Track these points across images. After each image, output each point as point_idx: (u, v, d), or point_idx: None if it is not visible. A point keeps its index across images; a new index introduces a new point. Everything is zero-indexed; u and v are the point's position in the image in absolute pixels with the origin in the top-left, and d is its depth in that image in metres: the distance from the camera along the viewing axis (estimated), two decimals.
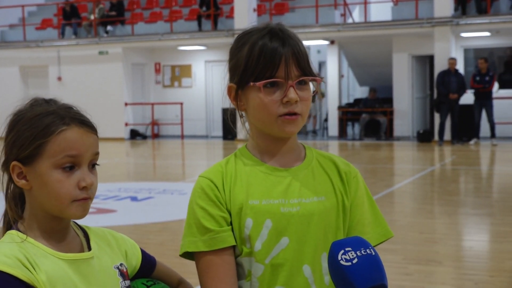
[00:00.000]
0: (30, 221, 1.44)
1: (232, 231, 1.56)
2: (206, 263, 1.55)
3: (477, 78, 15.52)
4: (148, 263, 1.63)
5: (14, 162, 1.42)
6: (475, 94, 15.53)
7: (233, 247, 1.57)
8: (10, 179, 1.45)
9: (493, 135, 15.57)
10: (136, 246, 1.62)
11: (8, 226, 1.47)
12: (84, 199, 1.42)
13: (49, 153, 1.40)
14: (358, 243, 1.40)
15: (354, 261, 1.36)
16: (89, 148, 1.43)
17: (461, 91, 15.56)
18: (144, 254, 1.63)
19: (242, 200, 1.56)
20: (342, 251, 1.38)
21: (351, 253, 1.37)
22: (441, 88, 15.57)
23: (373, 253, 1.39)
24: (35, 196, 1.43)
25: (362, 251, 1.38)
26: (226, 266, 1.55)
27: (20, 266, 1.35)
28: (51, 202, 1.41)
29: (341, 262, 1.36)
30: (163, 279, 1.66)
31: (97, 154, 1.46)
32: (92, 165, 1.45)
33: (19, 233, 1.42)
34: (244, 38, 1.59)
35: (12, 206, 1.46)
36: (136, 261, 1.60)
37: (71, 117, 1.43)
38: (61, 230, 1.46)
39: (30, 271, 1.35)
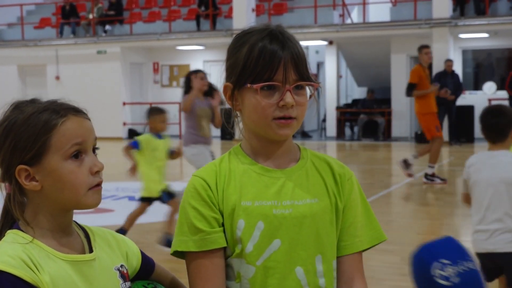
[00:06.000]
0: (33, 222, 1.43)
1: (224, 232, 1.56)
2: (195, 263, 1.55)
3: None
4: (147, 265, 1.63)
5: (19, 166, 1.40)
6: None
7: (224, 248, 1.56)
8: (16, 186, 1.42)
9: None
10: (136, 248, 1.62)
11: (4, 226, 1.46)
12: (98, 184, 1.44)
13: (56, 146, 1.40)
14: (454, 251, 1.16)
15: (455, 281, 1.12)
16: (90, 133, 1.45)
17: (458, 92, 15.56)
18: (143, 256, 1.63)
19: (235, 201, 1.55)
20: (437, 264, 1.15)
21: (450, 269, 1.14)
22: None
23: (474, 268, 1.17)
24: (46, 194, 1.42)
25: (463, 267, 1.15)
26: (215, 267, 1.54)
27: (24, 267, 1.34)
28: (66, 195, 1.41)
29: (438, 280, 1.13)
30: (161, 281, 1.66)
31: (96, 138, 1.47)
32: (93, 151, 1.47)
33: (23, 233, 1.40)
34: (244, 38, 1.58)
35: (20, 212, 1.42)
36: (136, 262, 1.60)
37: (64, 108, 1.44)
38: (65, 228, 1.46)
39: (34, 272, 1.34)
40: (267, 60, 1.52)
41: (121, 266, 1.53)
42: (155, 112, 5.96)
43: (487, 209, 3.51)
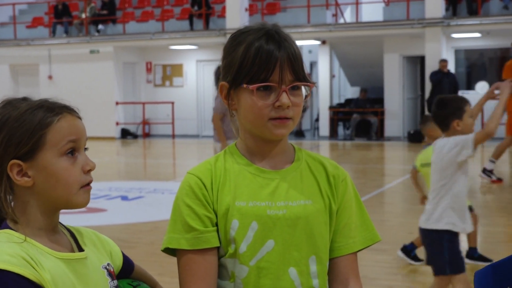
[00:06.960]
0: (23, 220, 1.42)
1: (218, 231, 1.56)
2: (187, 260, 1.55)
3: None
4: (128, 265, 1.64)
5: (12, 161, 1.40)
6: None
7: (217, 247, 1.56)
8: (7, 182, 1.41)
9: None
10: (117, 247, 1.63)
11: None
12: (88, 184, 1.45)
13: (51, 142, 1.41)
14: None
15: None
16: (84, 132, 1.47)
17: (455, 92, 15.54)
18: (124, 255, 1.64)
19: (229, 201, 1.55)
20: None
21: None
22: (436, 87, 15.55)
23: None
24: (37, 191, 1.41)
25: None
26: (207, 265, 1.54)
27: (26, 265, 1.33)
28: (58, 192, 1.41)
29: None
30: (141, 280, 1.67)
31: (87, 138, 1.49)
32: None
33: (15, 233, 1.39)
34: (240, 38, 1.58)
35: (10, 208, 1.41)
36: (119, 261, 1.61)
37: (58, 106, 1.45)
38: (53, 228, 1.46)
39: (36, 270, 1.33)
40: (263, 61, 1.52)
41: (108, 264, 1.54)
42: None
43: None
